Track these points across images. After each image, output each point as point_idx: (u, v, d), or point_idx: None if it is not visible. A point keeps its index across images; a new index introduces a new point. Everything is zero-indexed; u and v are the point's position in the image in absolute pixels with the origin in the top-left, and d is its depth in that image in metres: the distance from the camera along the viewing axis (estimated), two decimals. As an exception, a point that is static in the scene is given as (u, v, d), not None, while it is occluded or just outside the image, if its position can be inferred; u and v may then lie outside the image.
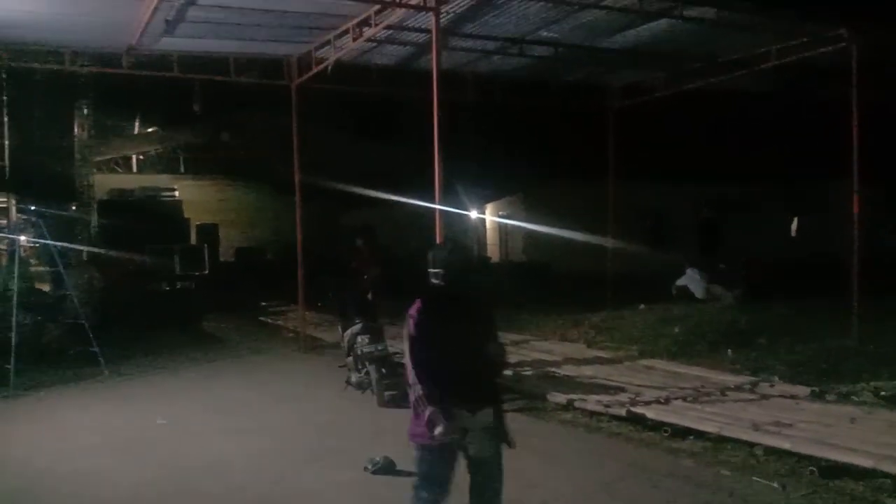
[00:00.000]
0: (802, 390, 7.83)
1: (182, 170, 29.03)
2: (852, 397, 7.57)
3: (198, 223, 22.05)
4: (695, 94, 13.71)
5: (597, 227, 15.46)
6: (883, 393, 7.60)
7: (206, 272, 18.63)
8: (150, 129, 28.94)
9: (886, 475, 5.17)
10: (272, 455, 6.49)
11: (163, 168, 29.02)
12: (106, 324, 11.62)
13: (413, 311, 3.82)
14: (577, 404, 7.62)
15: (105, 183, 22.11)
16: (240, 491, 5.65)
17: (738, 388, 8.09)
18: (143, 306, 13.96)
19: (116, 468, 6.25)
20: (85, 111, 20.85)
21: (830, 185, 14.82)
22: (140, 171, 29.16)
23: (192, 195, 24.18)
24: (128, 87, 19.50)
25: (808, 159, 22.14)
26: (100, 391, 9.20)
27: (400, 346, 10.78)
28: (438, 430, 3.61)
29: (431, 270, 3.96)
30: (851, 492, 5.13)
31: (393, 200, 17.30)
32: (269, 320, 15.52)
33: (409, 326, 3.80)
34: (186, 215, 20.91)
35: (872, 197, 13.49)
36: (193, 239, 20.86)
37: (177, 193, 22.07)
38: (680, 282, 15.50)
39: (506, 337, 11.96)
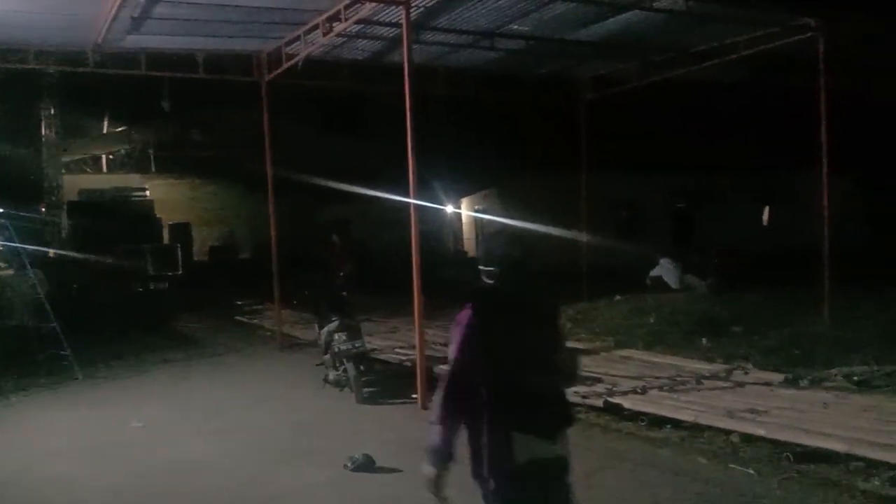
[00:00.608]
0: (776, 377, 7.93)
1: (153, 169, 28.63)
2: (825, 383, 7.68)
3: (170, 222, 21.81)
4: (666, 85, 13.79)
5: (571, 220, 15.52)
6: (854, 378, 7.72)
7: (180, 272, 18.47)
8: (119, 129, 28.50)
9: (860, 458, 5.25)
10: (249, 455, 6.44)
11: (133, 167, 28.61)
12: (79, 326, 11.44)
13: (462, 320, 3.10)
14: (554, 396, 7.63)
15: (75, 183, 21.79)
16: (216, 492, 5.60)
17: (713, 377, 8.17)
18: (116, 308, 13.77)
19: (91, 472, 6.15)
20: (51, 111, 20.52)
21: (800, 175, 15.00)
22: (110, 170, 28.72)
23: (163, 194, 23.91)
24: (95, 86, 19.20)
25: (778, 149, 22.38)
26: (73, 395, 9.05)
27: (378, 342, 10.81)
28: (427, 470, 3.07)
29: (485, 268, 3.29)
30: (826, 476, 5.20)
31: (367, 196, 17.24)
32: (245, 319, 15.38)
33: (455, 339, 3.09)
34: (158, 215, 20.66)
35: (841, 186, 13.71)
36: (166, 238, 20.63)
37: (148, 193, 21.82)
38: (654, 272, 15.65)
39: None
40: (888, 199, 24.41)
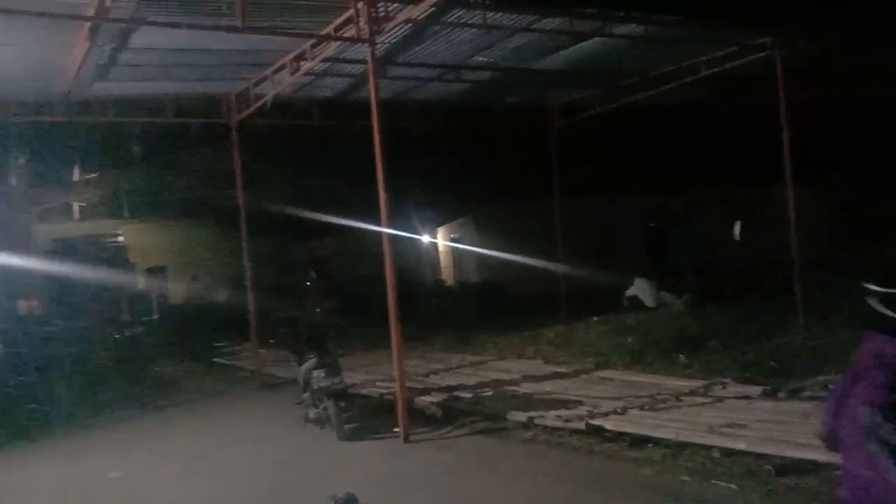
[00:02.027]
0: (754, 390, 8.01)
1: (126, 214, 28.44)
2: (802, 393, 7.76)
3: (145, 267, 21.60)
4: (632, 108, 14.04)
5: (547, 244, 15.65)
6: (831, 387, 7.80)
7: (156, 316, 18.27)
8: (91, 175, 28.33)
9: (839, 467, 5.27)
10: (232, 499, 6.37)
11: (106, 213, 28.39)
12: (54, 377, 11.27)
13: (870, 388, 2.15)
14: (536, 421, 7.65)
15: (47, 232, 21.55)
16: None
17: (693, 393, 8.24)
18: (91, 356, 13.57)
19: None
20: (20, 160, 20.36)
21: (768, 189, 15.28)
22: (83, 218, 28.47)
23: (137, 239, 23.70)
24: (65, 134, 19.15)
25: (745, 165, 22.79)
26: (50, 447, 8.86)
27: (358, 377, 10.75)
28: None
29: (882, 290, 2.30)
30: (807, 487, 5.25)
31: (345, 230, 17.25)
32: (224, 361, 15.22)
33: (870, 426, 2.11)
34: (133, 259, 20.47)
35: (809, 197, 13.96)
36: (142, 283, 20.40)
37: (121, 238, 21.61)
38: (630, 292, 15.78)
39: (463, 359, 12.02)
40: (856, 206, 24.90)
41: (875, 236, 22.78)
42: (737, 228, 27.47)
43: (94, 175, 28.30)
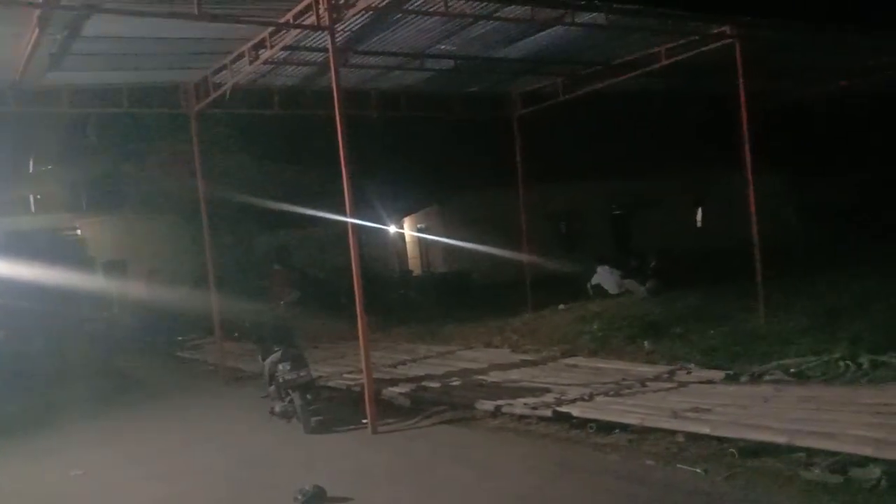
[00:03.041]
0: (717, 374, 8.14)
1: (84, 206, 27.81)
2: (764, 377, 7.91)
3: (104, 261, 21.17)
4: (595, 97, 14.09)
5: (512, 233, 15.69)
6: (791, 370, 7.98)
7: (116, 311, 17.94)
8: (46, 167, 27.62)
9: (801, 449, 5.40)
10: (197, 497, 6.25)
11: (63, 206, 27.74)
12: (10, 373, 10.99)
13: None
14: (504, 409, 7.67)
15: (1, 225, 20.97)
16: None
17: (657, 378, 8.33)
18: (49, 352, 13.28)
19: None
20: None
21: (730, 175, 15.51)
22: (38, 211, 27.77)
23: (96, 232, 23.20)
24: (19, 126, 18.62)
25: (708, 152, 23.12)
26: (8, 447, 8.63)
27: (325, 369, 10.67)
28: None
29: None
30: (770, 468, 5.33)
31: (309, 220, 17.08)
32: (187, 355, 15.02)
33: None
34: (91, 253, 20.05)
35: (771, 184, 14.21)
36: (101, 278, 19.99)
37: (79, 231, 21.15)
38: (594, 280, 15.91)
39: (431, 349, 12.00)
40: (815, 193, 25.48)
41: (830, 223, 23.45)
42: (699, 215, 27.92)
43: (50, 167, 27.62)
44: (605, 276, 15.73)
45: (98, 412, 10.06)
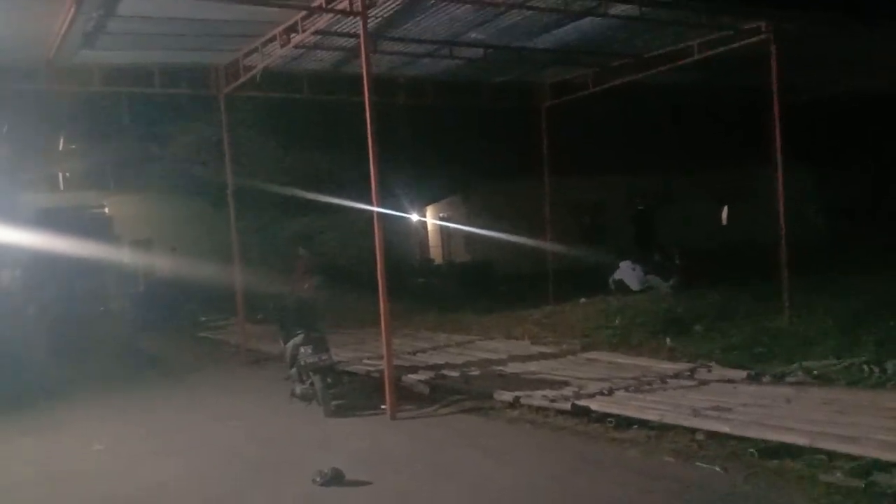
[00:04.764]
0: (739, 374, 8.07)
1: (112, 185, 28.13)
2: (786, 378, 7.84)
3: (130, 239, 21.42)
4: (623, 89, 13.97)
5: (536, 225, 15.65)
6: (814, 372, 7.90)
7: (142, 289, 18.17)
8: (75, 146, 27.96)
9: (821, 451, 5.35)
10: (217, 474, 6.34)
11: (91, 185, 28.07)
12: (38, 349, 11.18)
13: None
14: (523, 401, 7.67)
15: (31, 202, 21.29)
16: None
17: (678, 376, 8.29)
18: (75, 329, 13.48)
19: (53, 500, 5.99)
20: (4, 129, 20.06)
21: (758, 172, 15.32)
22: (67, 189, 28.14)
23: (123, 211, 23.48)
24: (50, 103, 18.85)
25: (735, 148, 22.85)
26: (34, 421, 8.78)
27: (346, 354, 10.73)
28: None
29: None
30: (790, 470, 5.29)
31: (335, 206, 17.15)
32: (210, 335, 15.18)
33: None
34: (118, 232, 20.30)
35: (798, 182, 14.03)
36: (127, 256, 20.24)
37: (106, 210, 21.42)
38: (616, 275, 15.82)
39: (451, 338, 12.03)
40: (844, 193, 25.09)
41: (857, 222, 23.09)
42: (724, 213, 27.58)
43: (79, 145, 27.95)
44: (627, 272, 15.63)
45: (120, 389, 10.24)
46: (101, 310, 16.42)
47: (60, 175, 28.63)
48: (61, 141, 28.10)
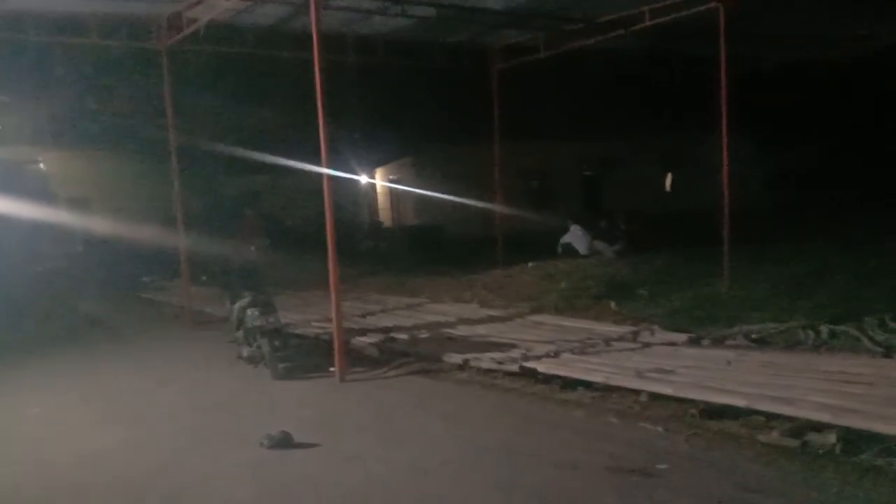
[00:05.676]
0: (681, 337, 8.27)
1: (47, 141, 27.05)
2: (726, 341, 8.06)
3: (68, 197, 20.71)
4: (575, 55, 13.94)
5: (485, 189, 15.65)
6: (753, 336, 8.14)
7: (81, 249, 17.63)
8: (7, 98, 26.70)
9: (760, 413, 5.53)
10: (160, 441, 6.20)
11: (25, 139, 26.94)
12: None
13: None
14: (471, 363, 7.73)
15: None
16: (124, 484, 5.30)
17: (622, 339, 8.45)
18: (9, 290, 13.01)
19: (-13, 465, 5.81)
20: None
21: (703, 140, 15.58)
22: (1, 143, 26.95)
23: (60, 168, 22.65)
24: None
25: (681, 116, 23.19)
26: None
27: (293, 317, 10.62)
28: None
29: None
30: (729, 430, 5.46)
31: (283, 166, 16.83)
32: (152, 296, 14.85)
33: None
34: (55, 189, 19.60)
35: (741, 150, 14.31)
36: (65, 215, 19.58)
37: (42, 165, 20.62)
38: (565, 239, 16.01)
39: (400, 301, 12.02)
40: (789, 162, 25.81)
41: (798, 191, 23.79)
42: (668, 180, 28.10)
43: (11, 98, 26.68)
44: (576, 236, 15.83)
45: (56, 353, 9.89)
46: (38, 270, 15.89)
47: (-8, 129, 27.34)
48: (-8, 93, 26.78)
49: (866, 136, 25.20)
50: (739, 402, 5.68)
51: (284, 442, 5.74)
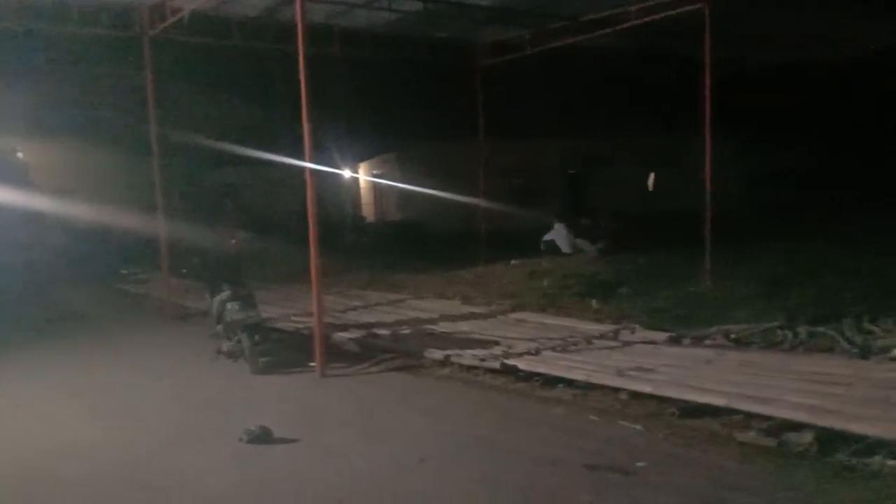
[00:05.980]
0: (661, 336, 8.31)
1: (27, 130, 26.69)
2: (706, 341, 8.11)
3: (48, 188, 20.43)
4: (561, 52, 13.97)
5: (469, 185, 15.64)
6: (733, 335, 8.19)
7: (61, 240, 17.43)
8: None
9: (738, 412, 5.57)
10: (137, 435, 6.13)
11: (4, 129, 26.57)
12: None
13: None
14: (453, 359, 7.72)
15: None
16: (101, 475, 5.24)
17: (603, 337, 8.48)
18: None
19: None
20: None
21: (686, 140, 15.66)
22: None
23: (40, 158, 22.34)
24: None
25: (667, 115, 23.30)
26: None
27: (274, 311, 10.55)
28: None
29: None
30: (708, 429, 5.49)
31: (265, 160, 16.72)
32: (131, 289, 14.71)
33: None
34: (34, 179, 19.34)
35: (725, 150, 14.44)
36: (45, 205, 19.32)
37: (20, 155, 20.34)
38: (548, 237, 16.06)
39: (382, 297, 11.99)
40: (770, 161, 26.01)
41: (783, 191, 23.97)
42: (651, 179, 28.24)
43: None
44: (559, 234, 15.88)
45: (33, 345, 9.75)
46: (17, 261, 15.68)
47: (-30, 117, 26.94)
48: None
49: (865, 135, 25.40)
50: (718, 402, 5.72)
51: (264, 437, 5.70)
